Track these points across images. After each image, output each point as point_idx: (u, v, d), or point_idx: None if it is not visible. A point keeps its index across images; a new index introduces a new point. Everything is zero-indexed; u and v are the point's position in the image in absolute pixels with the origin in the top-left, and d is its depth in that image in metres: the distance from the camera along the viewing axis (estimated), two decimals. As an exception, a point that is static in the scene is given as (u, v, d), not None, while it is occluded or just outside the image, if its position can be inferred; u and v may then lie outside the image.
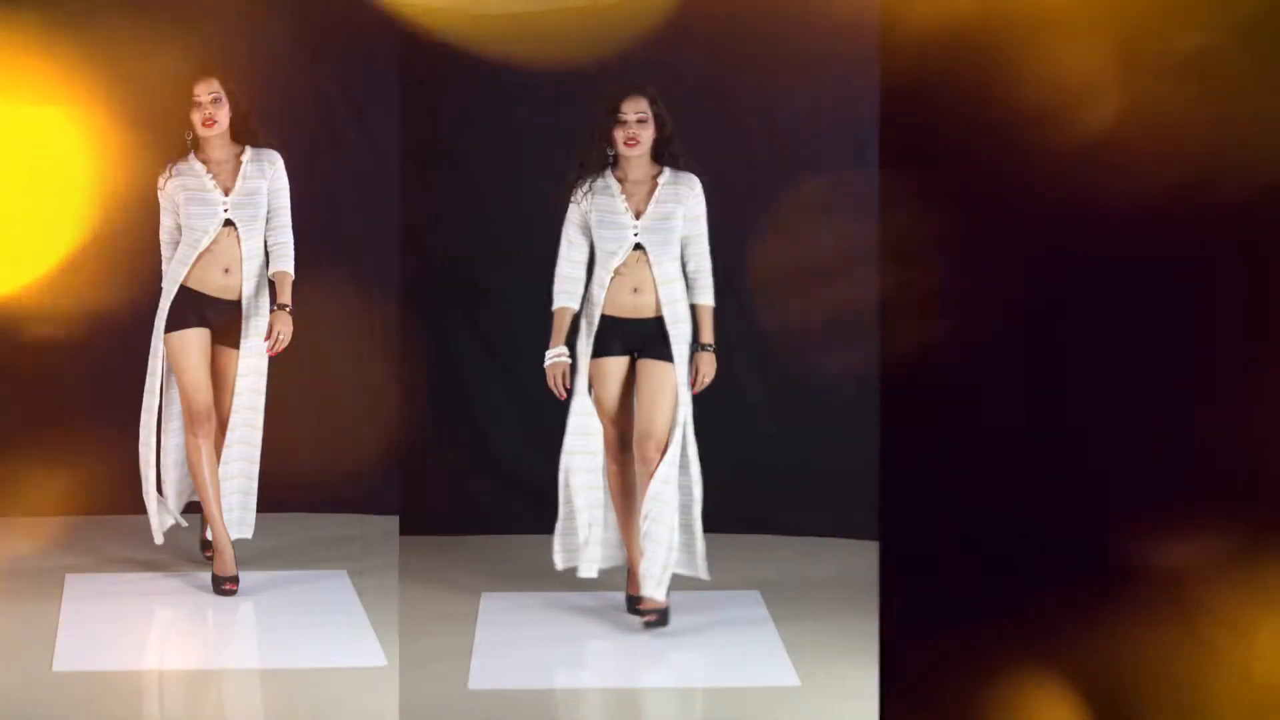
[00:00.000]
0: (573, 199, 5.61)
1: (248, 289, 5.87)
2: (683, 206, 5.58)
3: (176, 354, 5.85)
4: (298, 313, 5.88)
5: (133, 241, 6.30)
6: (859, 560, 6.11)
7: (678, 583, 5.65)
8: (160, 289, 5.90)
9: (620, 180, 5.60)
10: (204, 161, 5.86)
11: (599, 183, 5.60)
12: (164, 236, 5.96)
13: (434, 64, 6.62)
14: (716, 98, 6.63)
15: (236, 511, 5.97)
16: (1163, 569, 4.50)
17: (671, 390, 5.56)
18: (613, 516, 5.74)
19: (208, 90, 5.80)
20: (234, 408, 5.89)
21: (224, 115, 5.82)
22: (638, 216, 5.57)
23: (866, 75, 6.41)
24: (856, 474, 6.42)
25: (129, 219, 6.41)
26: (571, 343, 5.62)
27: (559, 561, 5.71)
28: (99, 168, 6.63)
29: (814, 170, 6.66)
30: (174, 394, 5.98)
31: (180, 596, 5.88)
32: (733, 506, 6.44)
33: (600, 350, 5.60)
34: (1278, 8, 4.63)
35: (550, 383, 5.58)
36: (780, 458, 6.74)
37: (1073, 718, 4.52)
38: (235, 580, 5.87)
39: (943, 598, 4.69)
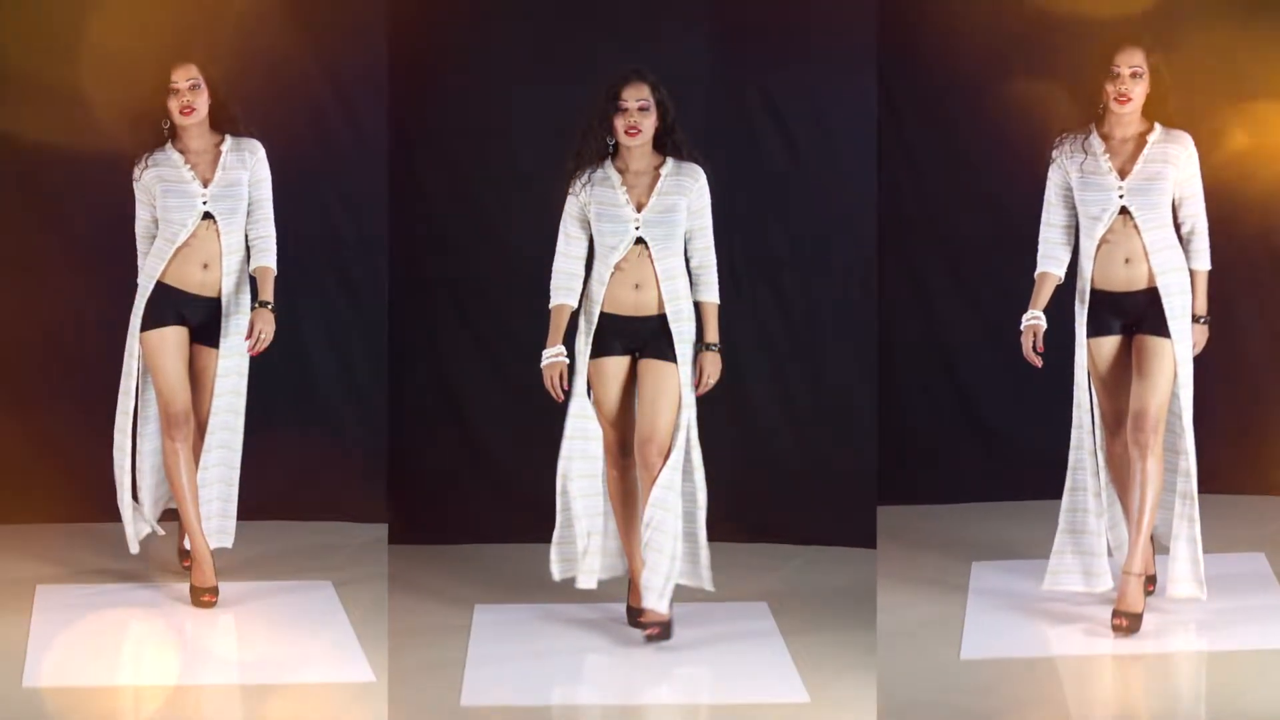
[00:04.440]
0: (571, 191, 5.62)
1: (228, 285, 5.87)
2: (686, 198, 5.59)
3: (153, 354, 5.86)
4: (280, 310, 5.88)
5: (106, 236, 6.32)
6: (871, 570, 6.13)
7: (681, 594, 5.66)
8: (136, 286, 5.90)
9: (621, 171, 5.61)
10: (181, 151, 5.87)
11: (598, 174, 5.60)
12: (139, 230, 5.96)
13: (424, 47, 6.62)
14: (721, 83, 6.65)
15: (216, 519, 5.98)
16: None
17: (674, 391, 5.58)
18: (613, 524, 5.76)
19: (185, 77, 5.80)
20: (213, 410, 5.90)
21: (202, 103, 5.82)
22: (639, 209, 5.58)
23: (870, 62, 6.48)
24: (869, 479, 6.45)
25: (102, 210, 6.42)
26: (569, 342, 5.62)
27: (556, 572, 5.72)
28: (71, 158, 6.62)
29: (824, 162, 6.70)
30: (150, 396, 5.99)
31: (157, 608, 5.89)
32: (739, 514, 6.43)
33: (600, 350, 5.61)
34: None
35: (547, 384, 5.57)
36: (789, 462, 6.75)
37: None
38: (215, 591, 5.87)
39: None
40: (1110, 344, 5.61)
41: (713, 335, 5.65)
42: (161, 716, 5.14)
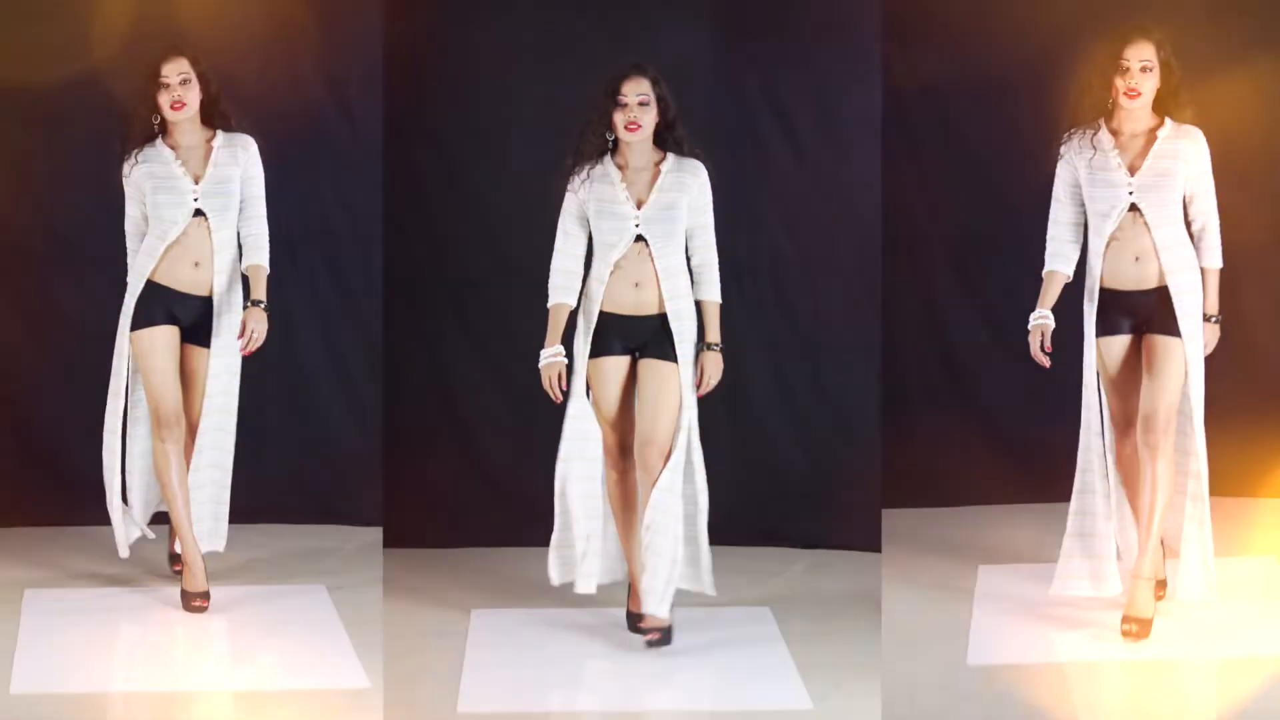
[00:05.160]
0: (570, 187, 5.59)
1: (219, 284, 5.85)
2: (687, 195, 5.56)
3: (143, 354, 5.83)
4: (274, 309, 5.86)
5: (96, 234, 6.29)
6: (875, 574, 6.11)
7: (682, 598, 5.64)
8: (125, 285, 5.87)
9: (620, 167, 5.58)
10: (172, 147, 5.84)
11: (598, 170, 5.57)
12: (129, 228, 5.93)
13: (420, 41, 6.60)
14: (723, 81, 6.63)
15: (207, 522, 5.95)
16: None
17: (675, 392, 5.54)
18: (612, 528, 5.73)
19: (176, 71, 5.77)
20: (205, 411, 5.87)
21: (193, 97, 5.79)
22: (639, 206, 5.55)
23: (874, 58, 6.46)
24: (873, 481, 6.43)
25: (92, 208, 6.40)
26: (568, 342, 5.60)
27: (555, 576, 5.69)
28: (58, 156, 6.61)
29: (827, 159, 6.67)
30: (140, 396, 5.96)
31: (147, 613, 5.87)
32: (741, 517, 6.43)
33: (599, 350, 5.59)
34: None
35: (545, 384, 5.55)
36: (791, 464, 6.74)
37: None
38: (206, 596, 5.85)
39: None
40: (1120, 344, 5.57)
41: (714, 335, 5.62)
42: (152, 723, 5.14)
